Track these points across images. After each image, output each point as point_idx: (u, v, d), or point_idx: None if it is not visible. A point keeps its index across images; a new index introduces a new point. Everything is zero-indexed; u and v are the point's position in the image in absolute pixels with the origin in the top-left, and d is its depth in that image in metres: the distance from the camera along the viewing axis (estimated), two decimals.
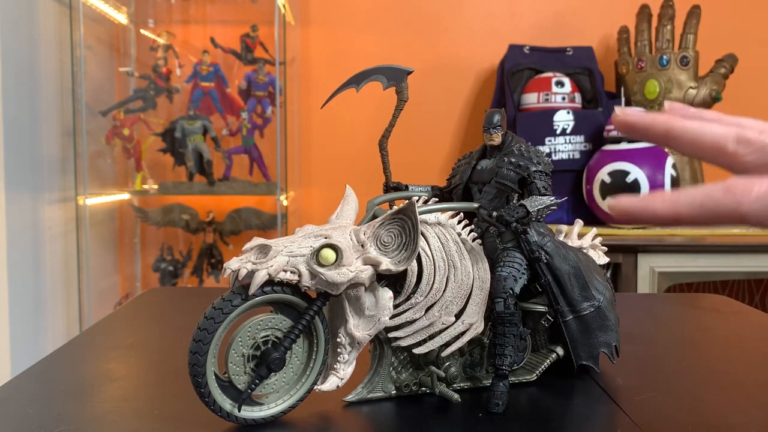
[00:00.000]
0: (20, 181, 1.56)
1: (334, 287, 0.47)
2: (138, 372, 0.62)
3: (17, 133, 1.54)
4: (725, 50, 1.79)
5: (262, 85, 1.86)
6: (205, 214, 1.93)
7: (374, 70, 0.57)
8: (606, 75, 1.88)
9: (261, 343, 0.47)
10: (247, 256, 0.46)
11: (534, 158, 0.55)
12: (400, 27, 2.04)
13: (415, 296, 0.51)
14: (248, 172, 1.92)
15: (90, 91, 1.79)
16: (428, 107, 2.03)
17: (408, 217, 0.48)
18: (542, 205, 0.52)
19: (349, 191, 0.55)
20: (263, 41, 1.90)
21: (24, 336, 1.58)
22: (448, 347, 0.52)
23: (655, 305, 0.93)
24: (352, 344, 0.49)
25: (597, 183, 1.61)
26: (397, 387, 0.53)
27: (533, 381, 0.57)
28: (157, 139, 1.88)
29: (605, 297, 0.58)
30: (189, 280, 1.96)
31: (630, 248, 1.51)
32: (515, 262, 0.54)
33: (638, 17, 1.80)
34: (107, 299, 1.95)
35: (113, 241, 2.02)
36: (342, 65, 2.02)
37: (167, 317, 0.86)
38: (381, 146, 0.58)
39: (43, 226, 1.66)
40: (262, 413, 0.48)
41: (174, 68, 1.90)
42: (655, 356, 0.65)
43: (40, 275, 1.66)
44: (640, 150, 1.59)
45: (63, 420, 0.48)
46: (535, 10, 2.04)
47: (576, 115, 1.74)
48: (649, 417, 0.49)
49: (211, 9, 2.00)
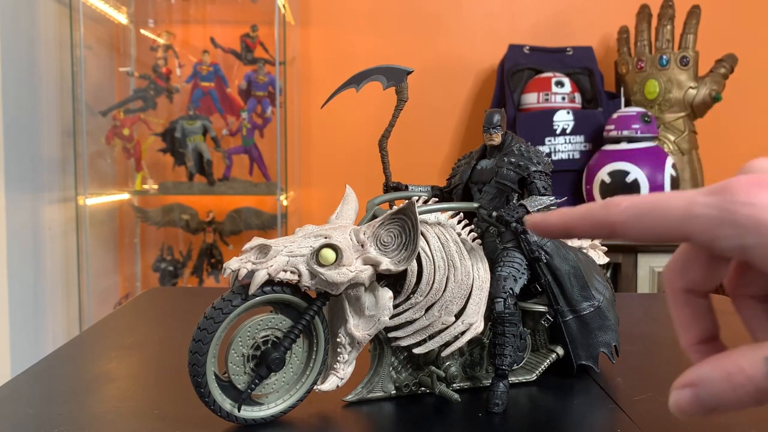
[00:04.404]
0: (20, 181, 1.56)
1: (334, 287, 0.47)
2: (138, 372, 0.62)
3: (17, 133, 1.54)
4: (725, 50, 1.79)
5: (262, 85, 1.86)
6: (205, 214, 1.93)
7: (374, 70, 0.57)
8: (606, 75, 1.88)
9: (261, 343, 0.47)
10: (247, 256, 0.46)
11: (534, 158, 0.55)
12: (400, 27, 2.04)
13: (415, 296, 0.51)
14: (248, 172, 1.92)
15: (90, 91, 1.79)
16: (428, 107, 2.03)
17: (408, 217, 0.48)
18: (542, 205, 0.52)
19: (349, 191, 0.55)
20: (263, 41, 1.90)
21: (24, 336, 1.58)
22: (448, 347, 0.52)
23: (655, 305, 0.93)
24: (352, 344, 0.49)
25: (597, 183, 1.61)
26: (396, 387, 0.53)
27: (533, 381, 0.57)
28: (157, 139, 1.88)
29: (605, 297, 0.58)
30: (189, 280, 1.96)
31: (630, 248, 1.51)
32: (515, 262, 0.54)
33: (638, 17, 1.80)
34: (107, 299, 1.95)
35: (113, 241, 2.02)
36: (342, 65, 2.02)
37: (167, 317, 0.86)
38: (381, 146, 0.58)
39: (43, 226, 1.66)
40: (262, 413, 0.48)
41: (174, 68, 1.90)
42: (655, 356, 0.65)
43: (40, 275, 1.66)
44: (640, 150, 1.59)
45: (63, 420, 0.48)
46: (535, 10, 2.04)
47: (576, 115, 1.74)
48: (649, 417, 0.49)
49: (211, 9, 2.00)
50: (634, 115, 1.61)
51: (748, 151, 2.04)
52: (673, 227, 0.29)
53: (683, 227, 0.29)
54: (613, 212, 0.30)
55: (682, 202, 0.29)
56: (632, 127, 1.60)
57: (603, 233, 0.31)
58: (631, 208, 0.30)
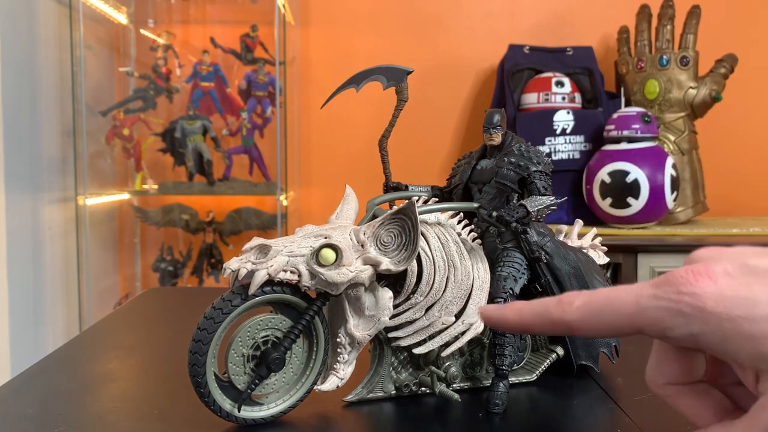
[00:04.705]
0: (20, 181, 1.56)
1: (334, 287, 0.47)
2: (138, 372, 0.62)
3: (17, 133, 1.54)
4: (725, 50, 1.79)
5: (262, 85, 1.86)
6: (205, 214, 1.93)
7: (374, 70, 0.57)
8: (606, 75, 1.88)
9: (261, 343, 0.47)
10: (247, 256, 0.46)
11: (534, 158, 0.55)
12: (400, 27, 2.04)
13: (415, 296, 0.51)
14: (248, 172, 1.92)
15: (90, 91, 1.79)
16: (428, 107, 2.03)
17: (408, 217, 0.48)
18: (542, 205, 0.52)
19: (349, 191, 0.55)
20: (263, 41, 1.90)
21: (24, 336, 1.58)
22: (448, 347, 0.52)
23: None
24: (352, 344, 0.49)
25: (597, 183, 1.61)
26: (397, 387, 0.53)
27: (533, 381, 0.57)
28: (157, 139, 1.88)
29: None
30: (189, 280, 1.96)
31: (630, 248, 1.51)
32: (515, 262, 0.54)
33: (638, 17, 1.80)
34: (107, 299, 1.95)
35: (113, 241, 2.02)
36: (342, 65, 2.02)
37: (167, 317, 0.86)
38: (381, 146, 0.58)
39: (43, 226, 1.66)
40: (262, 413, 0.48)
41: (174, 68, 1.90)
42: None
43: (40, 275, 1.66)
44: (640, 150, 1.59)
45: (63, 420, 0.48)
46: (535, 10, 2.04)
47: (576, 115, 1.73)
48: (649, 417, 0.49)
49: (211, 9, 2.00)
50: (634, 115, 1.61)
51: (748, 151, 2.04)
52: (625, 323, 0.30)
53: (634, 322, 0.30)
54: (568, 311, 0.31)
55: (631, 297, 0.30)
56: (632, 127, 1.60)
57: (559, 331, 0.32)
58: (583, 307, 0.31)
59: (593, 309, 0.31)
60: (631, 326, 0.30)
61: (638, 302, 0.30)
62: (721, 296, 0.28)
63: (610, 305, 0.30)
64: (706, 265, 0.29)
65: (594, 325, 0.31)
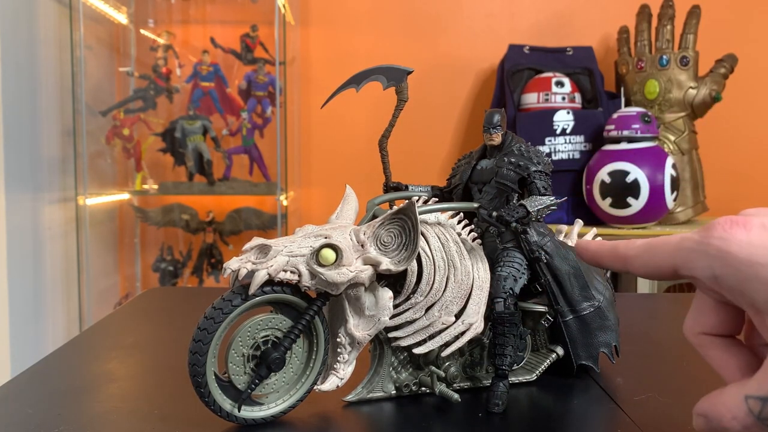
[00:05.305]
0: (20, 181, 1.56)
1: (334, 287, 0.47)
2: (138, 372, 0.62)
3: (17, 133, 1.54)
4: (725, 50, 1.79)
5: (262, 85, 1.86)
6: (205, 214, 1.93)
7: (374, 70, 0.57)
8: (606, 75, 1.88)
9: (261, 343, 0.47)
10: (247, 256, 0.46)
11: (534, 158, 0.55)
12: (400, 27, 2.04)
13: (415, 296, 0.51)
14: (248, 172, 1.92)
15: (90, 91, 1.79)
16: (428, 107, 2.03)
17: (408, 217, 0.48)
18: (542, 205, 0.52)
19: (349, 191, 0.55)
20: (263, 41, 1.90)
21: (24, 336, 1.58)
22: (448, 347, 0.52)
23: (655, 305, 0.93)
24: (352, 344, 0.49)
25: (597, 183, 1.61)
26: (397, 387, 0.53)
27: (533, 381, 0.57)
28: (157, 139, 1.89)
29: (605, 297, 0.58)
30: (189, 280, 1.96)
31: None
32: (515, 262, 0.54)
33: (638, 17, 1.80)
34: (107, 299, 1.95)
35: (113, 241, 2.02)
36: (342, 65, 2.02)
37: (167, 317, 0.86)
38: (381, 146, 0.58)
39: (43, 226, 1.66)
40: (262, 413, 0.48)
41: (174, 68, 1.90)
42: (655, 356, 0.65)
43: (40, 275, 1.66)
44: (640, 150, 1.59)
45: (63, 420, 0.48)
46: (535, 10, 2.04)
47: (576, 115, 1.74)
48: (649, 417, 0.49)
49: (211, 9, 2.00)
50: (634, 115, 1.61)
51: (748, 151, 2.04)
52: (667, 261, 0.34)
53: (672, 259, 0.33)
54: (630, 246, 0.36)
55: (677, 239, 0.34)
56: (632, 127, 1.60)
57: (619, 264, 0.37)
58: (643, 245, 0.36)
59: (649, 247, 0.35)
60: (670, 265, 0.33)
61: (680, 243, 0.33)
62: (748, 243, 0.30)
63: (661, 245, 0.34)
64: (746, 217, 0.31)
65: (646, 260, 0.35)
